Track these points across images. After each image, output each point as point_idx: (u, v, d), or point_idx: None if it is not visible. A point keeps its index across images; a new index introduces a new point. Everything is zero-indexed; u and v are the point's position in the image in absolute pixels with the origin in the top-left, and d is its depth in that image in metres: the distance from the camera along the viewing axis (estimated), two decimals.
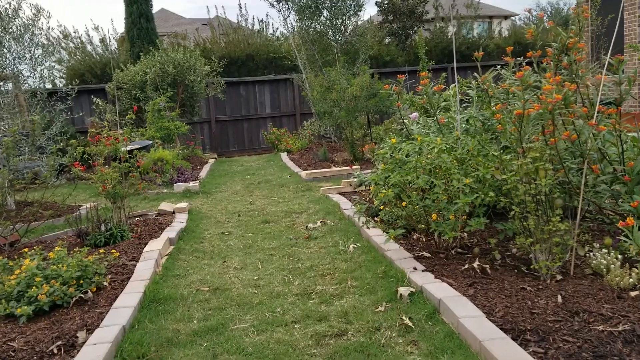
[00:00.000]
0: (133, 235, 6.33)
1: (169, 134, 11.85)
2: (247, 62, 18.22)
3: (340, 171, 9.94)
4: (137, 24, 16.76)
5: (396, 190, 4.45)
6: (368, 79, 10.52)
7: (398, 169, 4.53)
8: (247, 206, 8.16)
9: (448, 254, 4.63)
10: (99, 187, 6.54)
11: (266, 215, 7.47)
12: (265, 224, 7.00)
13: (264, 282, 4.74)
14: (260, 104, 17.29)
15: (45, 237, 6.65)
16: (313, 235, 6.12)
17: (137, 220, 7.19)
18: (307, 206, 7.74)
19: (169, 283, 4.80)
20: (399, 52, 19.19)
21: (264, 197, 8.82)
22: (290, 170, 11.18)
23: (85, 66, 17.19)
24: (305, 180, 9.78)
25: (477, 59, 5.20)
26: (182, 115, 14.35)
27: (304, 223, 6.79)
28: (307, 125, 14.83)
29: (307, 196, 8.59)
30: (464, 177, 4.31)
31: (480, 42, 20.37)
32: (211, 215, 7.65)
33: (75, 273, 4.30)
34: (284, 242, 6.03)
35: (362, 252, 5.26)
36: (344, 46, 13.14)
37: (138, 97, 13.16)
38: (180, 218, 7.19)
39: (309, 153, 13.06)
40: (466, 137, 4.79)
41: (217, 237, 6.46)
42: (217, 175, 11.50)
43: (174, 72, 13.17)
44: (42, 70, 8.53)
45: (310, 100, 12.21)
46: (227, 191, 9.62)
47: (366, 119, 10.88)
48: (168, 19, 37.08)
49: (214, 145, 16.68)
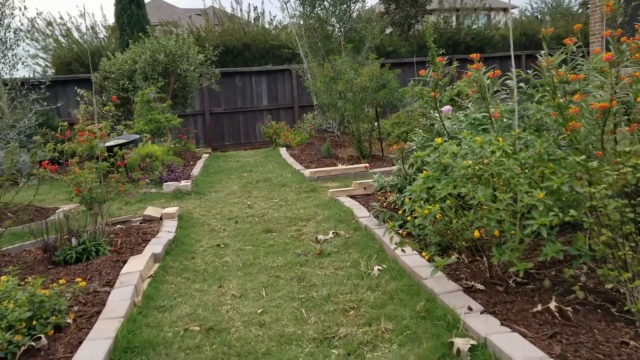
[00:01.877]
0: (111, 249, 5.23)
1: (159, 127, 10.71)
2: (243, 52, 17.04)
3: (348, 170, 8.86)
4: (128, 10, 15.54)
5: (444, 205, 3.38)
6: (378, 68, 9.42)
7: (444, 177, 3.45)
8: (245, 210, 7.07)
9: (507, 286, 3.56)
10: (72, 191, 5.44)
11: (267, 222, 6.39)
12: (267, 233, 5.92)
13: (271, 319, 3.66)
14: (257, 95, 16.16)
15: (10, 249, 5.54)
16: (326, 251, 5.04)
17: (118, 228, 6.08)
18: (314, 211, 6.66)
19: (150, 319, 3.71)
20: (402, 42, 18.07)
21: (264, 199, 7.73)
22: (291, 167, 10.09)
23: (73, 55, 15.95)
24: (309, 180, 8.70)
25: (544, 37, 4.08)
26: (174, 107, 13.21)
27: (312, 233, 5.71)
28: (308, 119, 13.72)
29: (312, 198, 7.51)
30: (533, 189, 3.24)
31: (486, 33, 19.31)
32: (204, 222, 6.55)
33: (24, 314, 3.20)
34: (292, 259, 4.95)
35: (391, 277, 4.18)
36: (348, 34, 12.02)
37: (126, 87, 11.99)
38: (169, 226, 6.09)
39: (310, 148, 11.96)
40: (528, 136, 3.72)
41: (211, 250, 5.37)
42: (212, 172, 10.39)
43: (166, 61, 12.01)
44: (13, 56, 7.34)
45: (312, 91, 11.10)
46: (223, 191, 8.52)
47: (374, 111, 9.79)
48: (161, 9, 35.71)
49: (208, 139, 15.54)
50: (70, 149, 5.24)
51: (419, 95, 10.77)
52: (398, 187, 5.30)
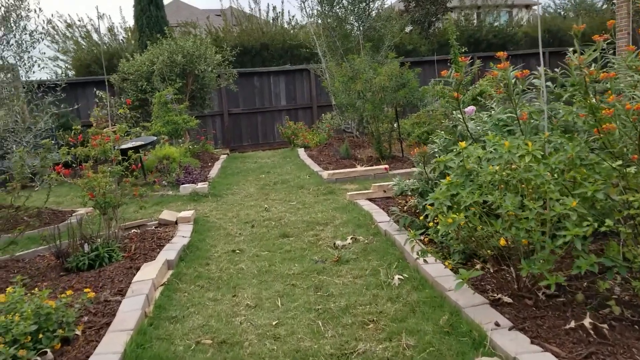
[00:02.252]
0: (125, 254, 5.11)
1: (176, 129, 10.62)
2: (261, 52, 16.92)
3: (367, 171, 8.66)
4: (147, 12, 15.50)
5: (469, 214, 3.17)
6: (397, 67, 9.20)
7: (469, 183, 3.24)
8: (262, 213, 6.91)
9: (537, 299, 3.34)
10: (85, 195, 5.34)
11: (284, 226, 6.22)
12: (283, 238, 5.75)
13: (286, 332, 3.49)
14: (275, 95, 16.02)
15: (24, 255, 5.47)
16: (344, 258, 4.85)
17: (132, 233, 5.97)
18: (332, 215, 6.48)
19: (161, 331, 3.56)
20: (422, 40, 17.78)
21: (281, 202, 7.57)
22: (309, 169, 9.91)
23: (92, 56, 16.00)
24: (327, 182, 8.52)
25: (575, 34, 3.83)
26: (192, 108, 13.13)
27: (330, 239, 5.53)
28: (326, 119, 13.53)
29: (330, 201, 7.33)
30: (565, 197, 3.02)
31: (508, 30, 18.92)
32: (220, 226, 6.41)
33: (29, 327, 3.08)
34: (308, 266, 4.77)
35: (413, 288, 3.98)
36: (366, 32, 11.80)
37: (144, 88, 11.94)
38: (184, 230, 5.95)
39: (328, 149, 11.77)
40: (558, 139, 3.48)
41: (226, 256, 5.22)
42: (229, 173, 10.27)
43: (183, 62, 11.93)
44: (29, 58, 7.28)
45: (330, 91, 10.90)
46: (240, 193, 8.38)
47: (393, 111, 9.57)
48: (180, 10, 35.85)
49: (226, 140, 15.45)
50: (83, 153, 5.13)
51: (439, 95, 10.54)
52: (419, 192, 5.09)
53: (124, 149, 8.89)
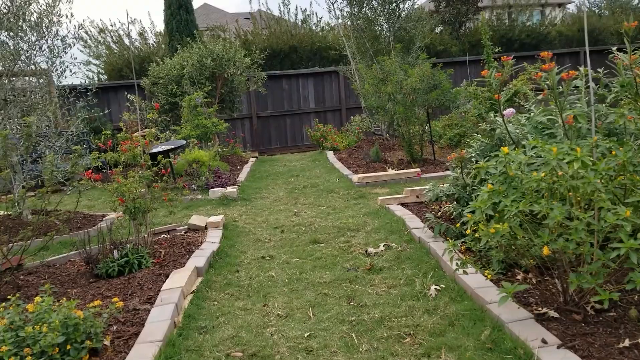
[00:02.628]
0: (155, 260, 5.04)
1: (206, 133, 10.59)
2: (290, 54, 16.87)
3: (398, 175, 8.47)
4: (177, 16, 15.62)
5: (513, 223, 2.98)
6: (429, 69, 8.99)
7: (512, 191, 3.06)
8: (291, 218, 6.80)
9: (585, 314, 3.13)
10: (115, 200, 5.30)
11: (315, 231, 6.09)
12: (314, 244, 5.62)
13: (318, 345, 3.35)
14: (304, 98, 15.93)
15: (55, 260, 5.45)
16: (377, 265, 4.69)
17: (162, 238, 5.92)
18: (363, 220, 6.32)
19: (190, 342, 3.46)
20: (453, 41, 17.48)
21: (311, 206, 7.45)
22: (338, 172, 9.77)
23: (123, 61, 16.17)
24: (357, 186, 8.36)
25: (626, 32, 3.59)
26: (221, 111, 13.13)
27: (362, 245, 5.37)
28: (355, 121, 13.37)
29: (361, 205, 7.17)
30: (617, 205, 2.81)
31: (541, 29, 18.47)
32: (250, 231, 6.32)
33: (57, 338, 3.00)
34: (340, 273, 4.63)
35: (451, 299, 3.80)
36: (396, 33, 11.60)
37: (174, 92, 11.97)
38: (213, 236, 5.87)
39: (358, 152, 11.61)
40: (606, 143, 3.27)
41: (256, 263, 5.12)
42: (258, 177, 10.19)
43: (213, 65, 11.92)
44: (61, 63, 7.31)
45: (360, 93, 10.74)
46: (269, 197, 8.29)
47: (425, 114, 9.36)
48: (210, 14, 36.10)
49: (255, 143, 15.43)
50: (113, 159, 5.09)
51: (473, 96, 10.29)
52: (455, 197, 4.89)
53: (154, 153, 8.90)
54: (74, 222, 7.21)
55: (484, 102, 10.45)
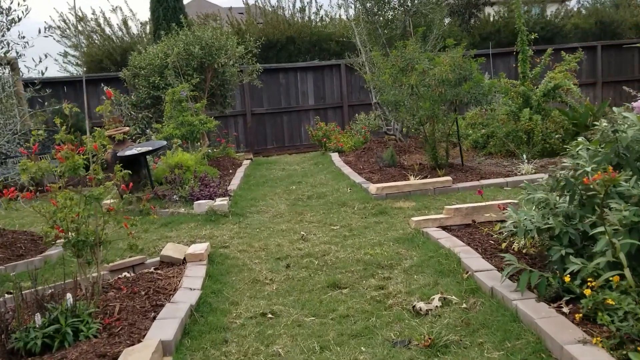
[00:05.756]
0: (103, 322, 3.31)
1: (192, 132, 8.84)
2: (287, 46, 15.10)
3: (424, 185, 6.76)
4: (163, 3, 13.77)
5: None
6: (460, 57, 7.29)
7: None
8: (298, 244, 5.09)
9: None
10: (49, 232, 3.58)
11: (332, 267, 4.40)
12: (333, 289, 3.92)
13: None
14: (302, 94, 14.19)
15: None
16: (438, 338, 2.98)
17: (123, 278, 4.19)
18: (395, 251, 4.63)
19: None
20: (462, 33, 15.78)
21: (321, 225, 5.76)
22: (348, 179, 8.04)
23: (104, 52, 14.36)
24: (375, 198, 6.66)
25: None
26: (212, 107, 11.36)
27: (404, 294, 3.67)
28: (360, 119, 11.66)
29: (384, 225, 5.50)
30: None
31: (556, 21, 16.84)
32: (244, 264, 4.61)
33: None
34: (383, 351, 2.93)
35: None
36: (412, 18, 9.90)
37: (157, 84, 10.18)
38: (193, 276, 4.14)
39: (367, 154, 9.90)
40: None
41: (252, 326, 3.40)
42: (254, 184, 8.46)
43: (201, 54, 10.14)
44: (3, 44, 5.56)
45: (375, 87, 8.99)
46: (267, 212, 6.58)
47: (452, 110, 7.67)
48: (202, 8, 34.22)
49: (249, 142, 13.67)
50: (40, 171, 3.34)
51: (505, 90, 8.62)
52: (555, 235, 3.18)
53: (126, 156, 7.15)
54: (17, 247, 5.48)
55: (515, 97, 8.78)
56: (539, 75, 9.06)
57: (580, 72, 11.59)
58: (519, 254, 3.76)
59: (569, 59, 8.90)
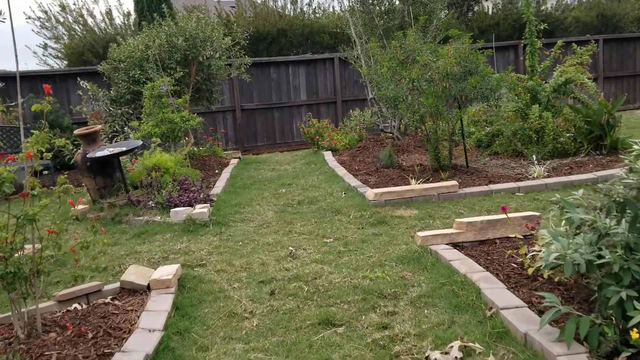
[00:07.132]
0: None
1: (173, 129, 8.03)
2: (278, 39, 14.28)
3: (427, 190, 6.01)
4: None
5: None
6: (467, 48, 6.54)
7: None
8: (285, 263, 4.34)
9: None
10: None
11: (323, 294, 3.65)
12: (326, 327, 3.17)
13: None
14: (294, 88, 13.37)
15: None
16: None
17: (70, 312, 3.41)
18: (399, 275, 3.88)
19: None
20: (460, 26, 15.02)
21: (312, 238, 5.01)
22: (342, 181, 7.29)
23: (85, 44, 13.47)
24: (373, 204, 5.91)
25: None
26: (197, 103, 10.55)
27: (413, 338, 2.93)
28: (355, 116, 10.88)
29: (385, 238, 4.76)
30: None
31: (557, 14, 16.11)
32: (220, 291, 3.85)
33: None
34: None
35: None
36: (412, 7, 9.12)
37: (137, 79, 9.35)
38: (156, 311, 3.37)
39: (363, 154, 9.14)
40: None
41: None
42: (240, 186, 7.68)
43: (185, 46, 9.31)
44: None
45: (373, 81, 8.20)
46: (253, 220, 5.82)
47: (456, 106, 6.91)
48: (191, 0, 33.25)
49: (238, 139, 12.86)
50: None
51: (513, 86, 7.88)
52: (615, 273, 2.44)
53: (97, 158, 6.36)
54: None
55: (523, 93, 8.04)
56: (547, 69, 8.32)
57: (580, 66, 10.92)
58: (549, 283, 3.03)
59: (581, 51, 8.16)
